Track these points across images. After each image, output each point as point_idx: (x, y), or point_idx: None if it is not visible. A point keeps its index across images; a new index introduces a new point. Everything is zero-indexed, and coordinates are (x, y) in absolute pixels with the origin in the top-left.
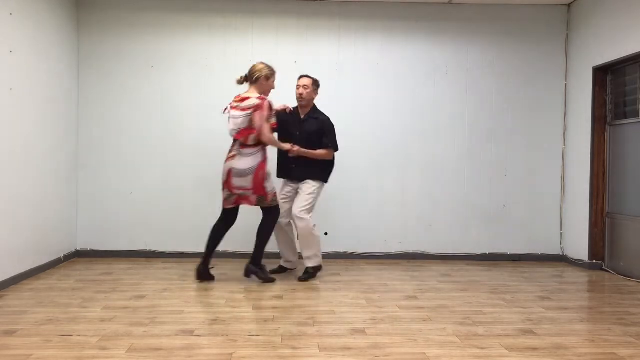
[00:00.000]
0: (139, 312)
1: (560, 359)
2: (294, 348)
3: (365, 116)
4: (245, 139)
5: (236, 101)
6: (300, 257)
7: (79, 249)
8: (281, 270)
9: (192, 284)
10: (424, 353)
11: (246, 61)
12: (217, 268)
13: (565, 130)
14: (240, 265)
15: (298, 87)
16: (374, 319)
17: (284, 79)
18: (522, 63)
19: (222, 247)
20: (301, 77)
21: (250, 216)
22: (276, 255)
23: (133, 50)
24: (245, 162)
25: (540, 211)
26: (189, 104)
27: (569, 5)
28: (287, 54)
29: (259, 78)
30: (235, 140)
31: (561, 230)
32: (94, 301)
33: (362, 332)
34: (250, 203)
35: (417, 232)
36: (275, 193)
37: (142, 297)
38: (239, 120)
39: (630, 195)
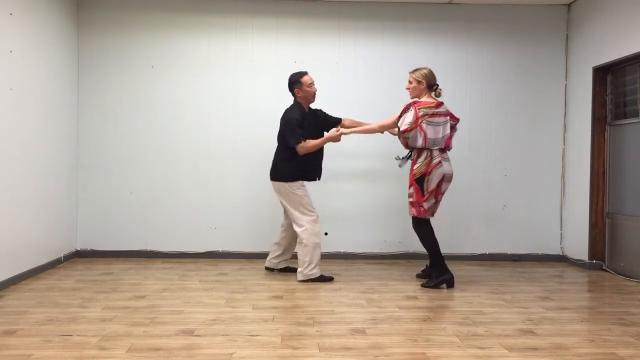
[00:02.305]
0: (139, 312)
1: (560, 359)
2: (294, 348)
3: (365, 116)
4: (448, 144)
5: (432, 107)
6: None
7: (79, 249)
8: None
9: (192, 284)
10: (424, 353)
11: (246, 61)
12: (218, 268)
13: (565, 130)
14: (242, 265)
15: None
16: (374, 319)
17: (283, 79)
18: (522, 63)
19: (223, 247)
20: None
21: (254, 216)
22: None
23: (133, 50)
24: (450, 165)
25: (540, 211)
26: (188, 103)
27: (569, 5)
28: (287, 54)
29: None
30: (430, 149)
31: (561, 230)
32: (94, 301)
33: (362, 332)
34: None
35: None
36: None
37: (142, 297)
38: (447, 126)
39: (630, 195)
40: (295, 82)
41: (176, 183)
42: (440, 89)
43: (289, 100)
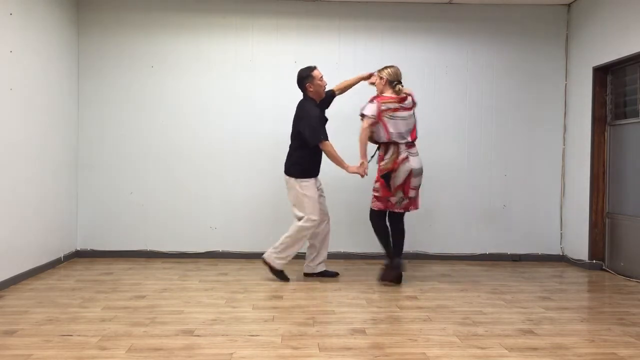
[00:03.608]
0: (139, 312)
1: (560, 359)
2: (294, 348)
3: None
4: (414, 137)
5: (395, 102)
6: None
7: (79, 249)
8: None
9: (192, 284)
10: (424, 353)
11: (246, 61)
12: (218, 268)
13: (565, 130)
14: (242, 265)
15: None
16: (374, 319)
17: (283, 79)
18: (522, 63)
19: (223, 247)
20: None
21: (254, 215)
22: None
23: (133, 50)
24: (419, 160)
25: (540, 211)
26: (188, 104)
27: (569, 5)
28: (287, 54)
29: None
30: (395, 143)
31: (561, 230)
32: (94, 301)
33: (362, 332)
34: (415, 207)
35: (417, 232)
36: None
37: (142, 297)
38: (411, 120)
39: (630, 195)
40: (307, 76)
41: (176, 183)
42: (401, 86)
43: (288, 100)
